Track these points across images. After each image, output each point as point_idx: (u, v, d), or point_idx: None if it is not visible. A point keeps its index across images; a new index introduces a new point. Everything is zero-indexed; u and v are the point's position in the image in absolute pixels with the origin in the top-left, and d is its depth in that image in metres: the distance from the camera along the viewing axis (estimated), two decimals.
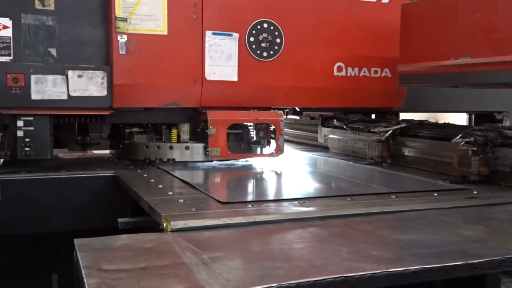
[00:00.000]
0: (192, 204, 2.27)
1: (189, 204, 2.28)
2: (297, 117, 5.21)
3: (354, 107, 4.13)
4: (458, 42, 2.94)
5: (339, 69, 3.72)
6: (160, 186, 2.73)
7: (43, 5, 3.13)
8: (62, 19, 3.17)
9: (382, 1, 3.77)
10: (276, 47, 3.53)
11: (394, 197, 2.46)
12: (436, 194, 2.54)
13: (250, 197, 2.59)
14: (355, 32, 3.73)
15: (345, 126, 4.03)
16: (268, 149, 3.61)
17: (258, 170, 3.40)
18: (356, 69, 3.76)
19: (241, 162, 3.57)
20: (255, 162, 3.56)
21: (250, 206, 2.27)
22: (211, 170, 3.35)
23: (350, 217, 2.12)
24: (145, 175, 3.06)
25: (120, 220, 2.89)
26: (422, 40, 3.22)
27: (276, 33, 3.52)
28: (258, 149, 3.63)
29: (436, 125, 3.51)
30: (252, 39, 3.47)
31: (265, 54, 3.51)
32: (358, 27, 3.73)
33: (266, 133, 3.59)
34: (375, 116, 4.26)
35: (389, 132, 3.46)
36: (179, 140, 3.48)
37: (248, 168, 3.48)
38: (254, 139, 3.64)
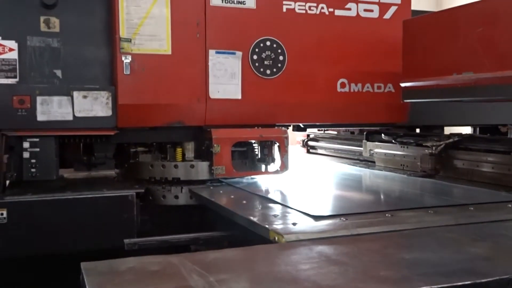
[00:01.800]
0: (288, 218, 2.37)
1: (285, 218, 2.39)
2: (335, 132, 5.32)
3: (358, 123, 4.14)
4: (460, 58, 2.95)
5: (343, 85, 3.74)
6: (244, 202, 2.84)
7: (49, 27, 3.17)
8: (67, 41, 3.20)
9: (384, 17, 3.79)
10: (279, 65, 3.55)
11: (472, 208, 2.57)
12: (510, 205, 2.64)
13: (339, 211, 2.56)
14: (358, 48, 3.75)
15: (394, 140, 4.14)
16: (273, 166, 3.61)
17: (324, 183, 3.67)
18: (360, 84, 3.77)
19: (246, 180, 3.57)
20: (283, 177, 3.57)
21: (343, 219, 2.33)
22: (267, 184, 3.39)
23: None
24: (221, 191, 3.20)
25: (126, 241, 2.91)
26: (424, 55, 3.23)
27: (279, 50, 3.54)
28: (263, 167, 3.63)
29: (487, 139, 3.63)
30: (255, 57, 3.49)
31: (268, 71, 3.53)
32: (360, 43, 3.75)
33: (270, 151, 3.60)
34: (420, 131, 4.35)
35: (441, 146, 3.58)
36: (184, 159, 3.48)
37: (309, 181, 3.71)
38: (259, 156, 3.64)
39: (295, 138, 5.71)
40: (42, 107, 3.10)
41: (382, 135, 4.33)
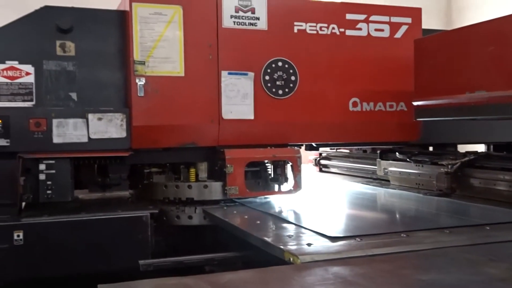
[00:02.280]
0: (302, 239, 2.38)
1: (299, 238, 2.39)
2: (347, 151, 5.31)
3: (370, 142, 4.14)
4: (473, 76, 2.96)
5: (354, 104, 3.75)
6: (258, 222, 2.85)
7: (64, 51, 3.23)
8: (82, 64, 3.26)
9: (395, 36, 3.82)
10: (291, 85, 3.57)
11: (488, 228, 2.56)
12: None
13: (354, 231, 2.54)
14: (369, 67, 3.77)
15: (409, 159, 4.13)
16: (286, 186, 3.62)
17: (337, 202, 3.69)
18: (372, 103, 3.78)
19: (259, 199, 3.58)
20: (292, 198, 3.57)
21: (358, 239, 2.32)
22: (281, 204, 3.39)
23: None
24: (235, 211, 3.21)
25: (141, 262, 2.92)
26: (436, 74, 3.24)
27: (291, 71, 3.57)
28: (276, 186, 3.64)
29: (503, 157, 3.62)
30: (267, 77, 3.52)
31: (280, 91, 3.56)
32: (372, 62, 3.77)
33: (283, 170, 3.61)
34: (433, 149, 4.33)
35: (457, 164, 3.56)
36: (197, 179, 3.50)
37: (322, 200, 3.72)
38: (272, 176, 3.65)
39: (307, 156, 5.72)
40: (58, 129, 3.15)
41: (397, 153, 4.32)
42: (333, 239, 2.37)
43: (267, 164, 3.66)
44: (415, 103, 3.45)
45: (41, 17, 3.22)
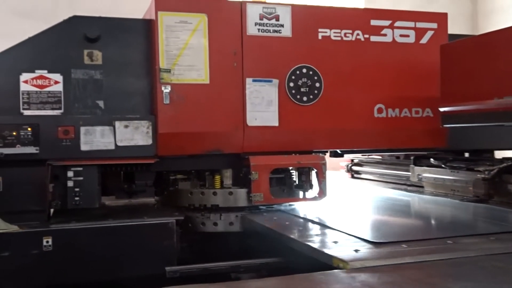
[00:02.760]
0: (348, 245, 2.38)
1: (345, 244, 2.40)
2: (379, 157, 5.29)
3: (396, 148, 4.10)
4: (501, 81, 2.91)
5: (380, 110, 3.72)
6: (300, 228, 2.88)
7: (92, 60, 3.28)
8: (109, 73, 3.31)
9: (421, 42, 3.78)
10: (315, 91, 3.57)
11: None
12: None
13: (398, 237, 2.55)
14: (395, 73, 3.74)
15: (444, 165, 4.11)
16: (311, 193, 3.61)
17: (374, 208, 3.71)
18: (397, 110, 3.74)
19: (283, 206, 3.57)
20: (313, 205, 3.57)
21: (404, 246, 2.33)
22: (319, 210, 3.40)
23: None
24: (275, 218, 3.22)
25: (167, 268, 2.95)
26: (463, 80, 3.20)
27: (315, 77, 3.56)
28: (301, 193, 3.63)
29: None
30: (291, 84, 3.52)
31: (305, 98, 3.55)
32: (397, 68, 3.74)
33: (308, 177, 3.60)
34: (469, 155, 4.31)
35: (495, 170, 3.54)
36: (222, 186, 3.52)
37: (358, 206, 3.76)
38: (297, 183, 3.65)
39: (338, 163, 5.72)
40: (86, 137, 3.20)
41: (431, 159, 4.28)
42: (379, 244, 2.37)
43: (291, 171, 3.66)
44: (441, 109, 3.41)
45: (70, 26, 3.28)
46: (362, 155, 5.43)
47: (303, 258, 2.86)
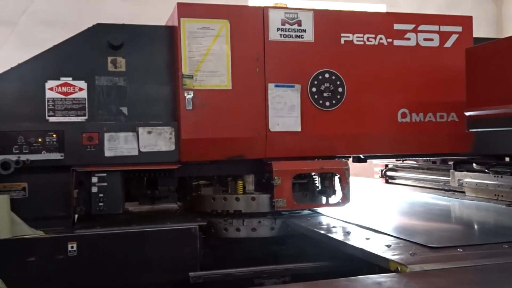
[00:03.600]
0: (402, 249, 2.38)
1: (399, 248, 2.40)
2: (414, 162, 5.26)
3: (420, 153, 4.05)
4: None
5: (403, 115, 3.68)
6: (349, 231, 2.88)
7: (115, 67, 3.31)
8: (132, 79, 3.34)
9: (445, 46, 3.73)
10: (338, 96, 3.54)
11: None
12: None
13: (452, 242, 2.55)
14: (418, 77, 3.69)
15: (487, 169, 4.09)
16: (334, 199, 3.58)
17: (417, 213, 3.69)
18: (421, 114, 3.69)
19: (306, 212, 3.55)
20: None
21: (460, 250, 2.34)
22: (361, 215, 3.41)
23: None
24: (319, 221, 3.25)
25: (191, 274, 2.95)
26: (490, 83, 3.14)
27: (338, 82, 3.54)
28: (324, 199, 3.60)
29: None
30: (314, 89, 3.51)
31: (327, 103, 3.53)
32: (421, 72, 3.70)
33: (331, 183, 3.57)
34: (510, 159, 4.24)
35: None
36: (244, 191, 3.51)
37: (401, 211, 3.77)
38: (319, 188, 3.62)
39: (372, 168, 5.70)
40: (110, 143, 3.22)
41: (474, 164, 4.26)
42: (435, 249, 2.37)
43: (314, 177, 3.64)
44: (467, 114, 3.35)
45: (93, 34, 3.32)
46: (397, 160, 5.39)
47: (330, 264, 2.86)
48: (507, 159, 4.26)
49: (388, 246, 2.46)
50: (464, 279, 1.97)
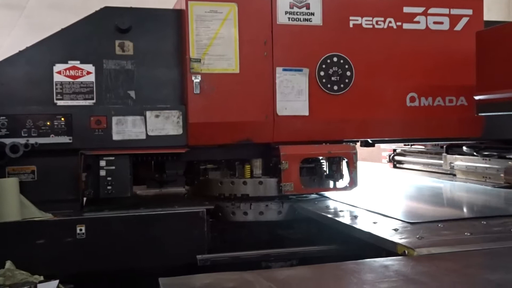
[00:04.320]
0: (409, 232, 2.40)
1: (407, 232, 2.41)
2: (422, 147, 5.30)
3: (429, 138, 4.03)
4: None
5: (412, 99, 3.65)
6: (356, 214, 2.92)
7: (123, 51, 3.31)
8: (140, 63, 3.33)
9: (455, 29, 3.69)
10: (346, 80, 3.52)
11: None
12: None
13: (433, 218, 2.73)
14: (428, 61, 3.66)
15: (476, 153, 4.25)
16: (341, 183, 3.58)
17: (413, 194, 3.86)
18: (430, 98, 3.67)
19: (313, 196, 3.55)
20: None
21: (440, 225, 2.52)
22: (369, 198, 3.45)
23: None
24: (326, 205, 3.27)
25: (199, 257, 2.97)
26: (500, 67, 3.11)
27: (346, 66, 3.52)
28: (331, 183, 3.60)
29: None
30: (322, 73, 3.48)
31: (335, 87, 3.51)
32: (430, 56, 3.66)
33: (338, 167, 3.56)
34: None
35: None
36: (252, 176, 3.51)
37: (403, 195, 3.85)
38: (327, 172, 3.62)
39: (380, 153, 5.69)
40: (117, 127, 3.23)
41: (464, 148, 4.38)
42: (414, 224, 2.53)
43: (322, 161, 3.63)
44: (477, 98, 3.32)
45: (101, 17, 3.31)
46: (405, 145, 5.38)
47: (337, 247, 2.87)
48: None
49: (396, 229, 2.46)
50: (471, 262, 1.97)
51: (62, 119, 3.14)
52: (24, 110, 3.12)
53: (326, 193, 3.60)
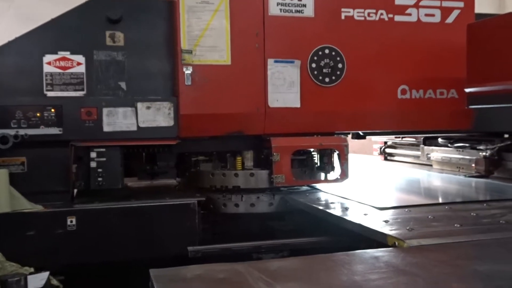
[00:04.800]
0: (400, 224, 2.42)
1: (397, 223, 2.43)
2: (413, 139, 5.33)
3: (420, 130, 4.05)
4: None
5: (403, 91, 3.66)
6: (347, 207, 2.92)
7: (114, 42, 3.28)
8: (131, 54, 3.31)
9: (446, 22, 3.70)
10: (338, 72, 3.52)
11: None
12: None
13: (400, 203, 2.95)
14: (419, 53, 3.66)
15: (450, 144, 4.41)
16: (332, 175, 3.58)
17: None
18: (421, 91, 3.68)
19: (304, 188, 3.56)
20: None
21: (406, 210, 2.70)
22: (360, 191, 3.48)
23: None
24: (317, 197, 3.28)
25: (190, 248, 2.97)
26: (491, 60, 3.12)
27: (338, 58, 3.51)
28: (323, 175, 3.61)
29: None
30: (314, 65, 3.48)
31: (327, 79, 3.51)
32: (421, 48, 3.66)
33: (330, 159, 3.57)
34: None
35: (495, 149, 3.89)
36: (243, 167, 3.51)
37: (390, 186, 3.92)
38: (318, 164, 3.62)
39: (371, 145, 5.71)
40: (108, 118, 3.21)
41: (439, 139, 4.57)
42: (382, 209, 2.69)
43: (313, 153, 3.64)
44: (467, 90, 3.34)
45: (92, 8, 3.28)
46: (396, 137, 5.40)
47: (328, 239, 2.89)
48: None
49: (386, 221, 2.47)
50: (460, 254, 1.98)
51: (52, 110, 3.12)
52: (13, 101, 3.09)
53: (318, 185, 3.61)
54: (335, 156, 3.56)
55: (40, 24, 3.22)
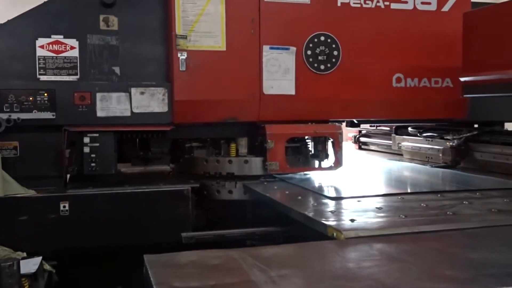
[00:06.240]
0: (345, 214, 2.40)
1: (341, 214, 2.42)
2: (388, 128, 5.32)
3: (414, 119, 4.05)
4: None
5: (398, 80, 3.66)
6: (299, 197, 2.85)
7: (107, 26, 3.25)
8: (125, 39, 3.27)
9: (442, 10, 3.69)
10: (333, 60, 3.51)
11: (478, 194, 2.86)
12: None
13: (355, 194, 2.92)
14: (414, 42, 3.66)
15: (419, 134, 4.41)
16: (326, 162, 3.59)
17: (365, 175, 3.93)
18: (416, 79, 3.68)
19: (298, 175, 3.56)
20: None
21: (359, 200, 2.71)
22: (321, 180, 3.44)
23: None
24: (275, 187, 3.25)
25: (183, 234, 2.97)
26: (486, 49, 3.12)
27: (333, 45, 3.50)
28: (317, 163, 3.61)
29: (506, 132, 3.87)
30: (309, 52, 3.46)
31: (322, 67, 3.50)
32: (417, 36, 3.66)
33: (324, 146, 3.57)
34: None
35: (462, 139, 3.89)
36: (237, 154, 3.50)
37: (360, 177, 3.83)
38: (312, 152, 3.62)
39: (346, 134, 5.68)
40: (102, 103, 3.18)
41: (409, 129, 4.57)
42: (335, 199, 2.74)
43: (307, 140, 3.63)
44: (462, 79, 3.34)
45: None
46: (370, 126, 5.39)
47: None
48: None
49: (333, 211, 2.45)
50: (401, 248, 1.92)
51: (45, 94, 3.09)
52: (6, 85, 3.05)
53: (310, 173, 3.61)
54: (329, 144, 3.56)
55: (33, 7, 3.17)
